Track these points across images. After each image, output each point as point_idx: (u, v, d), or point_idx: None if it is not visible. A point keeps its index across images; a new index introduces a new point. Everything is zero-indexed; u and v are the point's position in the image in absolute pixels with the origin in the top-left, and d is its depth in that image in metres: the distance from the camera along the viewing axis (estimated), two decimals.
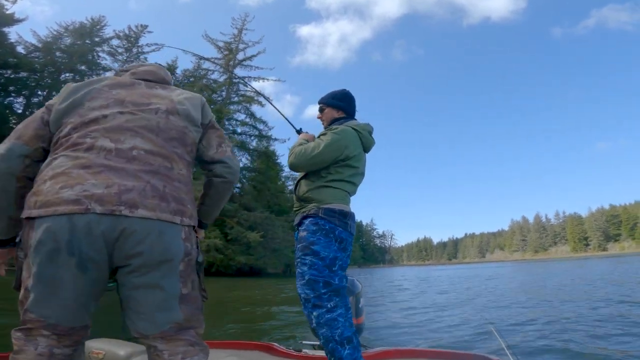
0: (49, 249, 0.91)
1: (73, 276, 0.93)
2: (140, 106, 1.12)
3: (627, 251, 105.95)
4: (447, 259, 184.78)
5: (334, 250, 1.75)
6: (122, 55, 35.51)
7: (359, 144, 1.96)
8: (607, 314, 6.33)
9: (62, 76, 31.06)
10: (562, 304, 7.86)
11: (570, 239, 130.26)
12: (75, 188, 0.92)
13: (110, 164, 0.98)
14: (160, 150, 1.06)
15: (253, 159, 32.60)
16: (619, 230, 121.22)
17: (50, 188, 0.93)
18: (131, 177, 0.98)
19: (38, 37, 29.75)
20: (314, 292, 1.70)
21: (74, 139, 1.02)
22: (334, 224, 1.79)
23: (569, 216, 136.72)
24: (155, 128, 1.09)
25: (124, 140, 1.03)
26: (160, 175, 1.02)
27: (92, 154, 0.99)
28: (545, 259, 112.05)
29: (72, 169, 0.96)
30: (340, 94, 2.15)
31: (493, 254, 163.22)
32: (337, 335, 1.61)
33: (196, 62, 34.75)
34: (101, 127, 1.04)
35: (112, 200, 0.93)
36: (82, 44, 31.48)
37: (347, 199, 1.92)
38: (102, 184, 0.94)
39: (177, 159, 1.10)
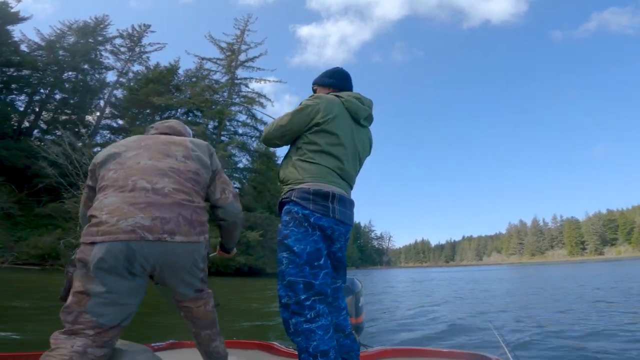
0: (111, 265, 1.22)
1: (126, 285, 1.27)
2: (164, 153, 1.48)
3: (623, 255, 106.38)
4: (445, 261, 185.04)
5: (312, 242, 1.51)
6: (124, 54, 35.71)
7: (339, 109, 1.68)
8: (606, 313, 6.41)
9: (65, 75, 31.23)
10: (561, 304, 7.94)
11: (567, 243, 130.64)
12: (129, 220, 1.25)
13: (150, 200, 1.31)
14: (182, 188, 1.41)
15: (254, 160, 32.77)
16: (616, 234, 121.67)
17: (109, 219, 1.25)
18: (167, 210, 1.32)
19: (41, 36, 29.97)
20: (294, 296, 1.49)
21: (119, 183, 1.35)
22: (309, 210, 1.51)
23: (566, 220, 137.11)
24: (177, 170, 1.45)
25: (157, 181, 1.37)
26: (186, 207, 1.38)
27: (136, 193, 1.32)
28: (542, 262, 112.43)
29: (123, 204, 1.28)
30: (331, 71, 1.97)
31: (490, 256, 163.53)
32: (312, 347, 1.43)
33: (198, 62, 34.95)
34: (139, 171, 1.39)
35: (158, 230, 1.27)
36: (85, 42, 31.63)
37: (328, 177, 1.59)
38: (149, 217, 1.28)
39: (195, 194, 1.46)
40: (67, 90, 30.94)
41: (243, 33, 34.10)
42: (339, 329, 1.73)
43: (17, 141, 26.16)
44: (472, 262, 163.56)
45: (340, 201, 1.59)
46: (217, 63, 34.01)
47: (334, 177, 1.62)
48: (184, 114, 34.00)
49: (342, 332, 1.73)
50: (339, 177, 1.65)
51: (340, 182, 1.65)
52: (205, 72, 34.30)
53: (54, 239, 19.85)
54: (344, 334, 1.73)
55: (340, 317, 1.74)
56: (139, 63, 36.70)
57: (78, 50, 30.62)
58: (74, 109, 31.59)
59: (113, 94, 34.63)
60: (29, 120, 29.79)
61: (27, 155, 24.80)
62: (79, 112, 31.79)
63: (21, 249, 18.70)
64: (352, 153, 1.72)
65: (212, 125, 32.67)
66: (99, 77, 34.23)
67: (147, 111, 33.46)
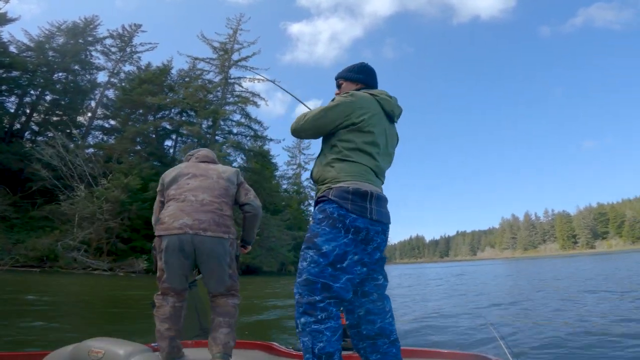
0: (171, 250, 1.95)
1: (181, 263, 1.98)
2: (204, 176, 2.16)
3: (614, 249, 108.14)
4: (439, 256, 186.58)
5: (342, 244, 1.46)
6: (115, 54, 35.37)
7: (375, 108, 1.68)
8: (606, 311, 6.43)
9: (55, 75, 30.84)
10: (558, 301, 7.99)
11: (559, 237, 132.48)
12: (179, 221, 1.96)
13: (193, 208, 2.01)
14: (215, 200, 2.08)
15: (248, 159, 32.76)
16: (607, 228, 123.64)
17: (168, 220, 1.99)
18: (203, 215, 2.00)
19: (30, 37, 29.51)
20: (308, 295, 1.46)
21: (177, 197, 2.07)
22: (346, 209, 1.48)
23: (558, 214, 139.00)
24: (212, 187, 2.12)
25: (198, 195, 2.06)
26: (216, 214, 2.04)
27: (185, 204, 2.02)
28: (534, 256, 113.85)
29: (177, 211, 2.00)
30: (358, 66, 1.93)
31: (484, 251, 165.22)
32: (318, 348, 1.40)
33: (191, 62, 34.77)
34: (188, 189, 2.09)
35: (196, 227, 1.95)
36: (75, 43, 31.26)
37: (367, 175, 1.58)
38: (191, 219, 1.97)
39: (224, 205, 2.11)
40: (57, 91, 30.56)
41: (236, 32, 34.00)
42: (383, 334, 1.61)
43: (9, 143, 25.85)
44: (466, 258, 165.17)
45: (377, 200, 1.56)
46: (210, 63, 33.90)
47: (371, 175, 1.61)
48: (178, 114, 33.85)
49: (386, 338, 1.61)
50: (375, 175, 1.64)
51: (376, 180, 1.64)
52: (199, 72, 34.15)
53: (52, 240, 19.73)
54: (388, 340, 1.62)
55: (385, 321, 1.63)
56: (130, 63, 36.39)
57: (68, 51, 30.24)
58: (65, 110, 31.24)
59: (105, 95, 34.35)
60: (20, 122, 29.42)
61: (20, 158, 24.57)
62: (70, 113, 31.44)
63: (19, 252, 18.58)
64: (384, 152, 1.72)
65: (206, 124, 32.60)
66: (90, 78, 33.87)
67: (139, 111, 33.24)
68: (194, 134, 29.77)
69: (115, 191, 22.40)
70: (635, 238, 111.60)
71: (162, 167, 30.73)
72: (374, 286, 1.66)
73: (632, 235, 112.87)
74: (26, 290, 9.62)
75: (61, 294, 9.98)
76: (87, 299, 9.64)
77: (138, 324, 5.67)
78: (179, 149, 33.87)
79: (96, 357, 1.67)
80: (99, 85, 34.08)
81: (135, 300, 9.08)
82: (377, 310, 1.64)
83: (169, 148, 35.08)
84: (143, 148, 31.37)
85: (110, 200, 22.12)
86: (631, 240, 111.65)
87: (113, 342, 1.76)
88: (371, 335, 1.62)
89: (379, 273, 1.67)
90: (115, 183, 22.85)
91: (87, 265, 20.29)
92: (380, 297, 1.66)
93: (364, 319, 1.64)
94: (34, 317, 5.50)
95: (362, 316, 1.64)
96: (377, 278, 1.66)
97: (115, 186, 22.71)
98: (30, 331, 4.55)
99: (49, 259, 19.31)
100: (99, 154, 27.84)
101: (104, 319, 6.46)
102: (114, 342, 1.76)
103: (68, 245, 19.96)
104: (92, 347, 1.71)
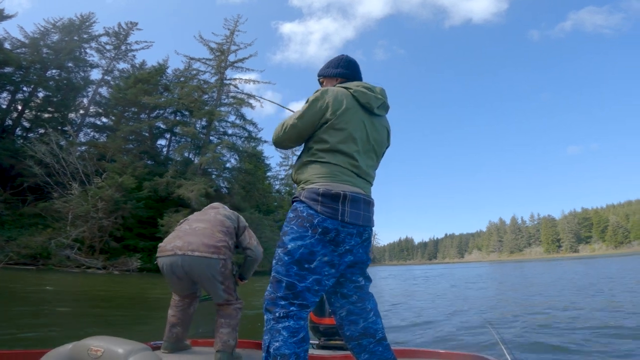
0: (165, 271, 2.29)
1: (177, 281, 2.33)
2: (204, 212, 2.57)
3: (597, 253, 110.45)
4: (428, 258, 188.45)
5: (308, 244, 1.43)
6: (110, 52, 35.28)
7: (349, 102, 1.60)
8: (605, 310, 6.60)
9: (49, 73, 30.64)
10: (557, 303, 8.08)
11: (544, 241, 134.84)
12: (171, 244, 2.27)
13: (185, 233, 2.32)
14: (208, 227, 2.36)
15: (242, 160, 32.98)
16: (590, 232, 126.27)
17: (163, 245, 2.32)
18: (194, 237, 2.27)
19: (25, 33, 29.33)
20: (273, 292, 1.46)
21: (181, 227, 2.44)
22: (314, 210, 1.45)
23: (543, 218, 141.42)
24: (208, 219, 2.44)
25: (193, 224, 2.40)
26: (207, 236, 2.29)
27: (180, 231, 2.35)
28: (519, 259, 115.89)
29: (171, 237, 2.36)
30: (336, 59, 1.86)
31: (471, 254, 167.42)
32: (273, 348, 1.36)
33: (187, 62, 34.86)
34: (187, 222, 2.48)
35: (185, 248, 2.22)
36: (70, 40, 31.13)
37: (340, 175, 1.52)
38: (181, 241, 2.25)
39: (217, 232, 2.35)
40: (50, 88, 30.39)
41: (233, 33, 34.19)
42: (368, 334, 1.62)
43: (0, 140, 25.69)
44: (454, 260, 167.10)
45: (352, 201, 1.49)
46: (207, 63, 34.04)
47: (347, 176, 1.53)
48: (172, 114, 33.91)
49: (371, 337, 1.61)
50: (354, 175, 1.55)
51: (356, 180, 1.55)
52: (194, 72, 34.24)
53: (45, 238, 19.66)
54: (374, 339, 1.62)
55: (368, 320, 1.63)
56: (125, 61, 36.34)
57: (62, 48, 30.08)
58: (57, 107, 31.07)
59: (98, 92, 34.21)
60: (12, 118, 29.20)
61: (11, 154, 24.42)
62: (62, 110, 31.29)
63: (12, 249, 18.50)
64: (366, 147, 1.63)
65: (200, 125, 32.69)
66: (84, 75, 33.73)
67: (133, 109, 33.21)
68: (188, 134, 29.90)
69: (109, 190, 22.44)
70: (618, 243, 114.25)
71: (155, 166, 30.81)
72: (354, 288, 1.64)
73: (614, 240, 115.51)
74: (37, 286, 9.74)
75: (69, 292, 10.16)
76: (103, 295, 9.77)
77: (138, 323, 5.84)
78: (172, 148, 33.92)
79: (95, 355, 1.63)
80: (92, 82, 33.95)
81: (145, 299, 9.24)
82: (357, 311, 1.63)
83: (162, 147, 35.13)
84: (136, 147, 31.36)
85: (104, 199, 22.16)
86: (614, 245, 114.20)
87: (112, 340, 1.71)
88: (355, 336, 1.62)
89: (358, 275, 1.64)
90: (109, 182, 22.89)
91: (80, 263, 20.31)
92: (360, 298, 1.65)
93: (345, 320, 1.64)
94: (33, 315, 5.53)
95: (344, 317, 1.65)
96: (356, 280, 1.64)
97: (109, 185, 22.75)
98: (30, 329, 4.57)
99: (41, 257, 19.27)
100: (91, 151, 27.78)
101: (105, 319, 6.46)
102: (114, 340, 1.71)
103: (61, 243, 19.94)
104: (91, 346, 1.67)
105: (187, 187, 25.60)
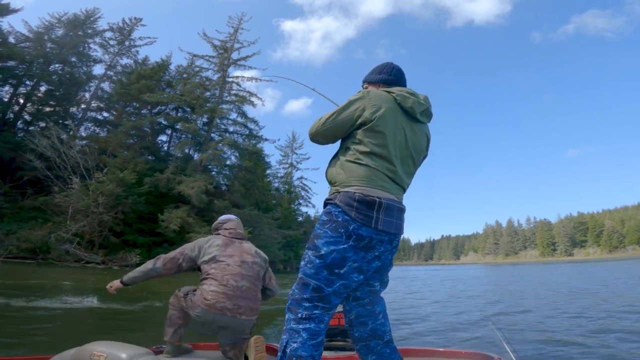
0: (204, 322, 2.21)
1: (205, 331, 2.26)
2: (242, 260, 2.35)
3: (591, 257, 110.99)
4: (424, 259, 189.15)
5: (341, 249, 1.42)
6: (113, 47, 35.35)
7: (390, 104, 1.57)
8: (606, 310, 6.73)
9: (52, 67, 30.75)
10: (560, 302, 8.22)
11: (539, 244, 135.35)
12: (221, 304, 2.15)
13: (234, 294, 2.20)
14: (252, 287, 2.30)
15: (242, 157, 33.15)
16: (585, 237, 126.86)
17: (211, 300, 2.16)
18: (242, 301, 2.21)
19: (29, 27, 29.40)
20: (298, 293, 1.47)
21: (218, 278, 2.22)
22: (349, 217, 1.43)
23: (540, 222, 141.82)
24: (249, 275, 2.32)
25: (238, 280, 2.25)
26: (252, 299, 2.26)
27: (227, 288, 2.20)
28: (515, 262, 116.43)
29: (220, 295, 2.16)
30: (380, 66, 1.84)
31: (467, 256, 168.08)
32: (290, 349, 1.38)
33: (190, 58, 34.98)
34: (229, 272, 2.25)
35: (234, 311, 2.17)
36: (75, 35, 31.19)
37: (377, 180, 1.49)
38: (231, 304, 2.17)
39: (257, 289, 2.35)
40: (53, 82, 30.49)
41: (236, 31, 34.34)
42: (376, 335, 1.63)
43: (1, 132, 25.76)
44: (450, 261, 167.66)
45: (386, 209, 1.47)
46: (210, 61, 34.18)
47: (383, 181, 1.51)
48: (174, 110, 34.03)
49: (379, 339, 1.64)
50: (390, 180, 1.54)
51: (391, 186, 1.53)
52: (197, 69, 34.37)
53: (45, 232, 19.73)
54: (382, 341, 1.64)
55: (377, 322, 1.65)
56: (128, 57, 36.43)
57: (66, 43, 30.14)
58: (59, 101, 31.16)
59: (100, 87, 34.31)
60: (13, 111, 29.28)
61: (12, 147, 24.49)
62: (64, 104, 31.39)
63: (11, 243, 18.58)
64: (404, 154, 1.60)
65: (201, 122, 32.85)
66: (86, 70, 33.81)
67: (134, 104, 33.31)
68: (189, 130, 30.06)
69: (110, 185, 22.56)
70: (613, 247, 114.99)
71: (155, 162, 30.95)
72: (368, 291, 1.65)
73: (609, 245, 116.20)
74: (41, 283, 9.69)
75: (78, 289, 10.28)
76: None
77: (139, 327, 5.76)
78: (173, 144, 34.07)
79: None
80: (95, 77, 34.04)
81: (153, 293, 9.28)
82: (367, 313, 1.64)
83: (163, 143, 35.27)
84: (137, 142, 31.48)
85: (105, 193, 22.28)
86: (608, 250, 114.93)
87: (115, 345, 1.74)
88: (364, 337, 1.63)
89: (376, 280, 1.65)
90: (110, 177, 23.01)
91: (79, 258, 20.40)
92: (371, 301, 1.66)
93: (355, 322, 1.65)
94: (34, 317, 5.52)
95: (353, 320, 1.66)
96: (372, 284, 1.65)
97: (110, 180, 22.87)
98: (32, 333, 4.53)
99: (41, 251, 19.35)
100: (92, 146, 27.90)
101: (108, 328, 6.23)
102: (116, 345, 1.74)
103: (61, 237, 20.00)
104: (94, 351, 1.69)
105: (187, 183, 25.77)
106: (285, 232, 34.49)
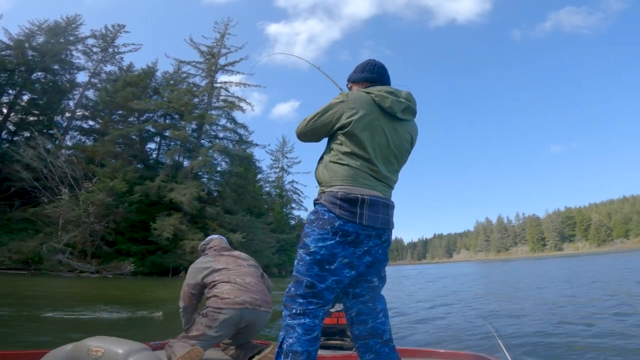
0: (229, 322, 2.26)
1: (232, 330, 2.30)
2: (237, 264, 2.50)
3: (581, 251, 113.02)
4: (417, 258, 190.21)
5: (329, 246, 1.46)
6: (97, 54, 34.86)
7: (369, 107, 1.58)
8: (604, 309, 6.69)
9: (34, 75, 30.16)
10: (556, 301, 8.21)
11: (529, 240, 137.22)
12: (240, 298, 2.26)
13: (247, 289, 2.34)
14: (258, 282, 2.47)
15: (233, 163, 32.94)
16: (574, 231, 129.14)
17: (229, 296, 2.28)
18: (257, 294, 2.36)
19: (9, 35, 28.81)
20: (293, 291, 1.51)
21: (227, 280, 2.36)
22: (334, 214, 1.48)
23: (528, 218, 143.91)
24: (251, 273, 2.48)
25: (245, 278, 2.41)
26: (264, 293, 2.43)
27: (239, 285, 2.33)
28: (506, 258, 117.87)
29: (235, 290, 2.30)
30: (363, 64, 1.84)
31: (459, 253, 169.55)
32: (287, 345, 1.41)
33: (176, 65, 34.69)
34: (234, 274, 2.40)
35: (254, 303, 2.30)
36: (56, 42, 30.66)
37: (360, 179, 1.53)
38: (248, 296, 2.30)
39: (263, 285, 2.49)
40: (36, 91, 29.90)
41: (223, 37, 34.18)
42: (375, 334, 1.64)
43: None
44: (443, 260, 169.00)
45: (371, 205, 1.51)
46: (197, 67, 33.95)
47: (366, 179, 1.54)
48: (162, 117, 33.66)
49: (378, 338, 1.64)
50: (374, 179, 1.57)
51: (375, 184, 1.57)
52: (184, 75, 34.09)
53: (36, 243, 19.52)
54: (381, 340, 1.64)
55: (377, 321, 1.66)
56: (112, 64, 35.94)
57: (48, 51, 29.60)
58: (42, 110, 30.57)
59: (84, 95, 33.78)
60: None
61: None
62: (48, 113, 30.80)
63: (3, 254, 18.29)
64: (385, 153, 1.62)
65: (190, 128, 32.53)
66: (70, 78, 33.24)
67: (120, 112, 32.83)
68: (179, 138, 29.76)
69: (100, 194, 22.24)
70: (601, 241, 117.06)
71: (145, 170, 30.55)
72: (367, 288, 1.66)
73: (597, 239, 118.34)
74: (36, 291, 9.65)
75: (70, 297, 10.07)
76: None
77: (137, 324, 5.86)
78: (162, 152, 33.66)
79: (95, 355, 1.64)
80: (79, 85, 33.50)
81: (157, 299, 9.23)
82: (367, 311, 1.65)
83: (152, 151, 34.81)
84: (125, 150, 31.03)
85: (95, 203, 21.96)
86: (597, 243, 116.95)
87: (112, 340, 1.73)
88: (363, 336, 1.64)
89: (374, 275, 1.66)
90: (100, 186, 22.69)
91: (73, 267, 20.18)
92: (372, 298, 1.67)
93: (355, 319, 1.66)
94: (34, 317, 5.59)
95: (354, 317, 1.67)
96: (371, 280, 1.66)
97: (100, 189, 22.55)
98: (31, 329, 4.63)
99: (33, 262, 19.12)
100: (79, 155, 27.42)
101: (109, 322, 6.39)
102: (113, 340, 1.73)
103: (53, 248, 19.78)
104: (91, 346, 1.69)
105: (179, 190, 25.51)
106: (278, 236, 34.34)
